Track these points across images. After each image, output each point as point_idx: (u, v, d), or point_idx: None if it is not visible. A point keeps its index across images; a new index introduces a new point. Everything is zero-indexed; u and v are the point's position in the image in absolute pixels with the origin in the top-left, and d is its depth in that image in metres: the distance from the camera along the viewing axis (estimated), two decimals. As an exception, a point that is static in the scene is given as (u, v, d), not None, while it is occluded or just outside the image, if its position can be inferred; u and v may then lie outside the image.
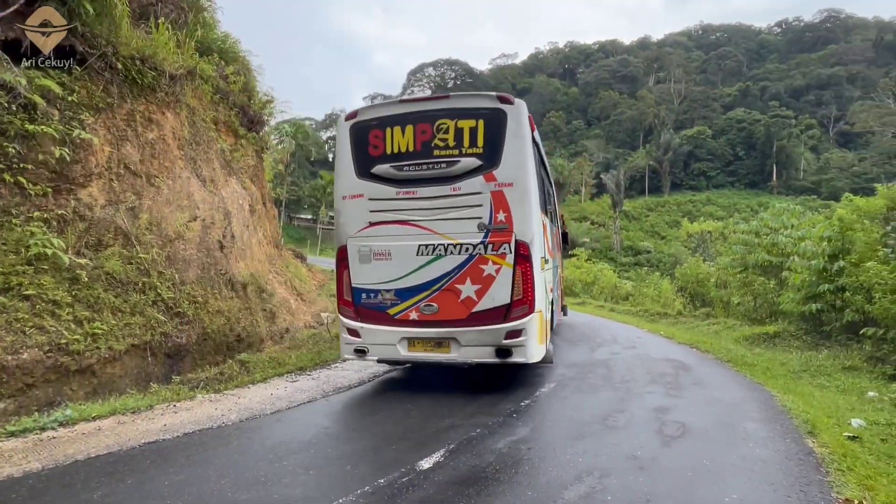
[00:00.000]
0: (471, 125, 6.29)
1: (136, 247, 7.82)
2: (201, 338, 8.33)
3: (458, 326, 6.34)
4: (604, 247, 62.50)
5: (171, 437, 5.11)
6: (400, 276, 6.48)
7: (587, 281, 25.89)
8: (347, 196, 6.87)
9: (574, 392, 7.19)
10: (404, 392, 7.14)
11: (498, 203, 6.20)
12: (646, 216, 78.62)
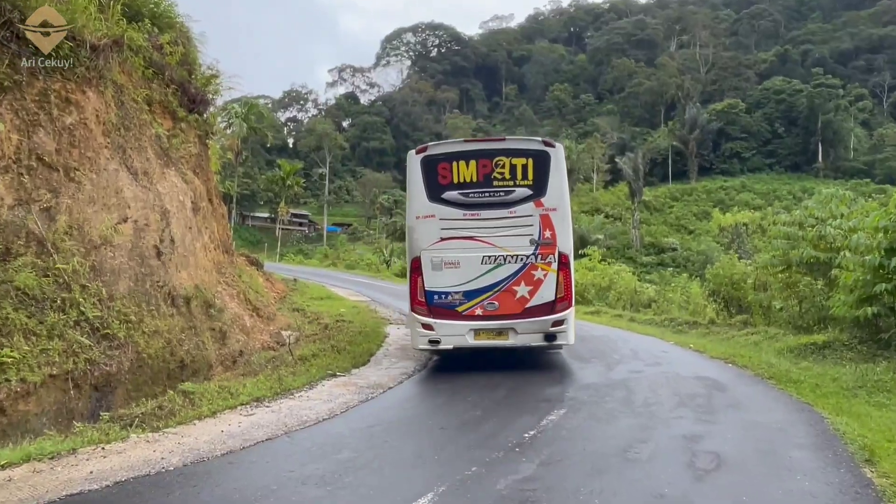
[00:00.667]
0: (522, 162, 9.83)
1: (54, 255, 7.71)
2: (135, 365, 8.24)
3: (515, 319, 9.81)
4: (621, 244, 62.99)
5: (99, 486, 5.02)
6: (467, 281, 9.81)
7: (601, 285, 26.00)
8: (420, 216, 10.01)
9: (588, 419, 7.21)
10: (385, 425, 7.12)
11: (545, 223, 9.78)
12: (670, 207, 79.41)
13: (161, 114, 12.13)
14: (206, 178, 14.11)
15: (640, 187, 67.71)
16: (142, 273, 9.16)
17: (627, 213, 70.95)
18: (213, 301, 11.31)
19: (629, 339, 15.21)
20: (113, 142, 9.34)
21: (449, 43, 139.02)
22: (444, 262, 9.87)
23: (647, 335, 16.12)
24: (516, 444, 6.13)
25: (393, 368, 10.75)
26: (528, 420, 7.12)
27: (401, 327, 15.65)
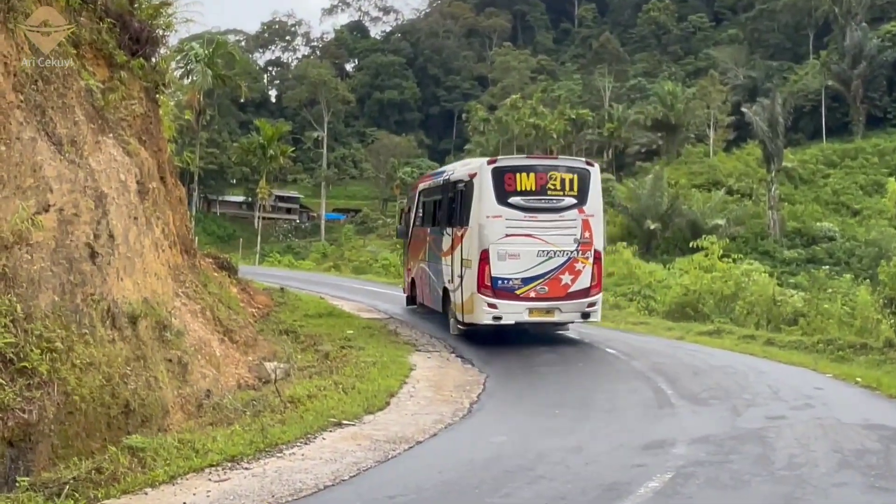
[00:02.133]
0: (570, 177, 16.48)
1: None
2: (64, 410, 8.46)
3: (561, 301, 16.27)
4: (752, 232, 61.93)
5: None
6: (525, 270, 16.04)
7: (723, 293, 25.56)
8: (490, 216, 16.06)
9: (706, 487, 7.18)
10: (413, 497, 7.20)
11: (585, 226, 16.26)
12: (824, 177, 77.54)
13: (93, 59, 12.43)
14: (156, 149, 14.41)
15: (778, 148, 66.18)
16: (70, 282, 9.40)
17: (761, 186, 69.49)
18: (168, 321, 11.54)
19: (765, 370, 14.95)
20: (27, 99, 9.60)
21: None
22: (507, 253, 16.15)
23: (793, 364, 15.85)
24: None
25: (422, 415, 10.81)
26: (618, 489, 7.13)
27: (432, 356, 15.72)
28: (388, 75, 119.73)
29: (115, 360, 9.58)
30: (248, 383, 13.05)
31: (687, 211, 56.49)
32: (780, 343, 19.39)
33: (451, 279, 17.77)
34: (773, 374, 14.48)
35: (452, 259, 17.75)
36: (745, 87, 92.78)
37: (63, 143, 10.08)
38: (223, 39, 65.77)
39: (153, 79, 14.85)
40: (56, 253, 9.34)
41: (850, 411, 10.85)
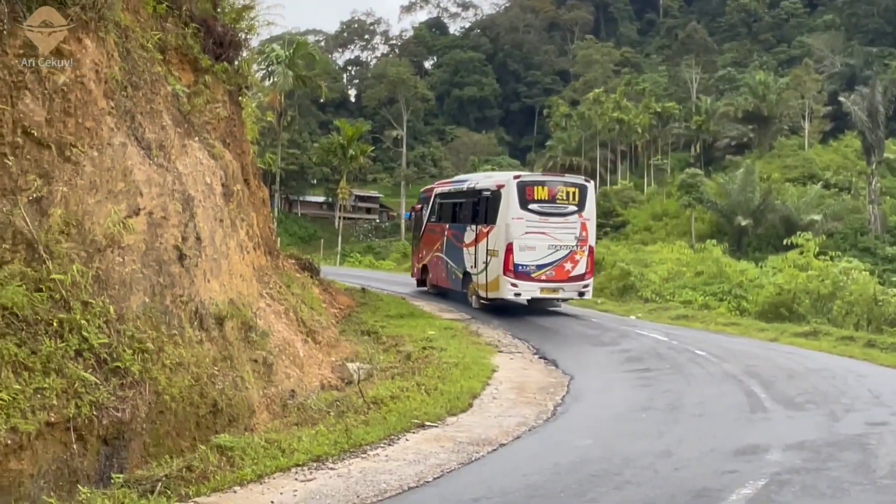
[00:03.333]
0: (573, 191, 22.25)
1: (48, 263, 8.38)
2: (155, 409, 8.80)
3: (564, 282, 22.00)
4: (851, 228, 60.08)
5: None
6: (539, 259, 21.23)
7: (820, 292, 24.91)
8: (514, 218, 21.07)
9: (802, 495, 7.08)
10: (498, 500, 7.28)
11: (582, 227, 22.10)
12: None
13: (179, 64, 12.86)
14: (240, 151, 14.81)
15: (879, 139, 63.95)
16: (159, 284, 9.76)
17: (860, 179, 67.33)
18: (253, 322, 11.86)
19: (866, 373, 14.62)
20: (118, 106, 10.00)
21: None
22: (526, 246, 21.10)
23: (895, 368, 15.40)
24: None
25: (506, 416, 10.88)
26: (709, 496, 7.13)
27: (515, 356, 15.75)
28: (467, 72, 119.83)
29: (203, 360, 9.90)
30: (331, 384, 13.28)
31: (780, 206, 55.17)
32: (881, 345, 18.85)
33: (475, 265, 22.78)
34: (874, 377, 14.15)
35: (476, 249, 22.67)
36: (842, 75, 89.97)
37: (151, 147, 10.46)
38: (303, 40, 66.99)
39: (236, 82, 15.26)
40: (146, 255, 9.70)
41: (960, 418, 10.50)
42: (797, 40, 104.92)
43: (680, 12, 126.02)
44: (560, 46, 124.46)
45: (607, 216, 68.01)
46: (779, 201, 55.94)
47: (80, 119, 9.31)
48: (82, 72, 9.47)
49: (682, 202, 67.12)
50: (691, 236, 53.22)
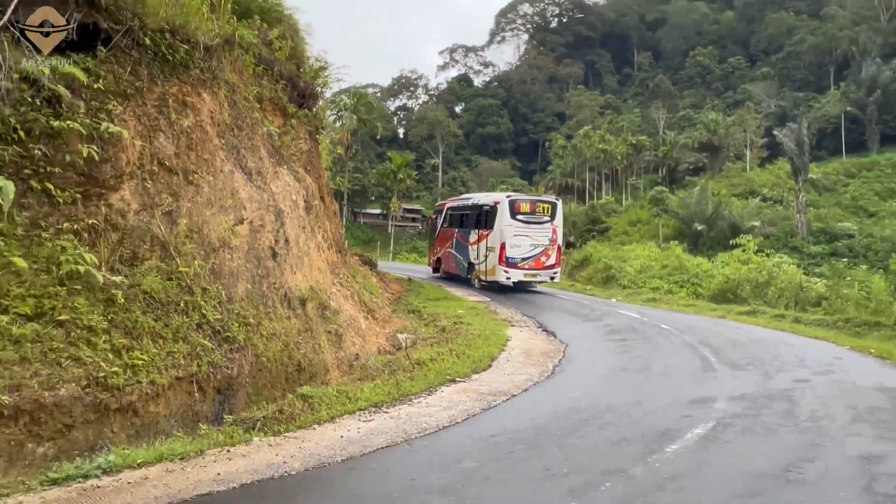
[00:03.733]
0: (547, 206, 24.13)
1: (176, 259, 8.58)
2: (255, 368, 8.97)
3: (540, 270, 23.59)
4: (782, 232, 59.08)
5: (227, 488, 5.59)
6: (523, 254, 22.97)
7: (758, 280, 24.60)
8: (506, 225, 22.87)
9: (741, 434, 7.04)
10: (510, 435, 7.32)
11: (553, 232, 23.89)
12: (844, 185, 73.18)
13: (271, 111, 13.05)
14: (317, 175, 14.98)
15: (805, 163, 62.84)
16: (258, 275, 9.94)
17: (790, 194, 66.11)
18: (328, 303, 12.02)
19: (793, 342, 14.44)
20: (227, 142, 10.20)
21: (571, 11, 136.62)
22: (514, 245, 22.76)
23: (816, 338, 15.28)
24: (656, 460, 6.10)
25: (517, 374, 10.89)
26: (668, 434, 7.07)
27: (524, 329, 15.77)
28: (487, 115, 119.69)
29: (290, 331, 10.06)
30: (386, 349, 13.39)
31: (728, 215, 54.48)
32: (805, 321, 18.66)
33: (477, 257, 24.54)
34: (799, 346, 13.96)
35: (478, 247, 24.44)
36: (775, 114, 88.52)
37: (252, 173, 10.64)
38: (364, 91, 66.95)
39: (314, 124, 15.42)
40: (248, 253, 9.88)
41: (865, 376, 10.41)
42: (741, 88, 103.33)
43: (650, 67, 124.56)
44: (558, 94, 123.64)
45: (594, 223, 67.54)
46: (727, 211, 55.21)
47: (199, 153, 9.51)
48: (201, 118, 9.67)
49: (652, 212, 66.50)
50: (659, 238, 52.58)
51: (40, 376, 6.69)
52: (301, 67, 14.96)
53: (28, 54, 8.10)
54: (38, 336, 6.88)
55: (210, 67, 10.03)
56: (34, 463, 6.41)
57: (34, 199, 7.63)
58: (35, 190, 7.60)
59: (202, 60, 9.82)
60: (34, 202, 7.62)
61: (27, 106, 7.75)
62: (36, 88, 7.87)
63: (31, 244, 7.37)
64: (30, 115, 7.74)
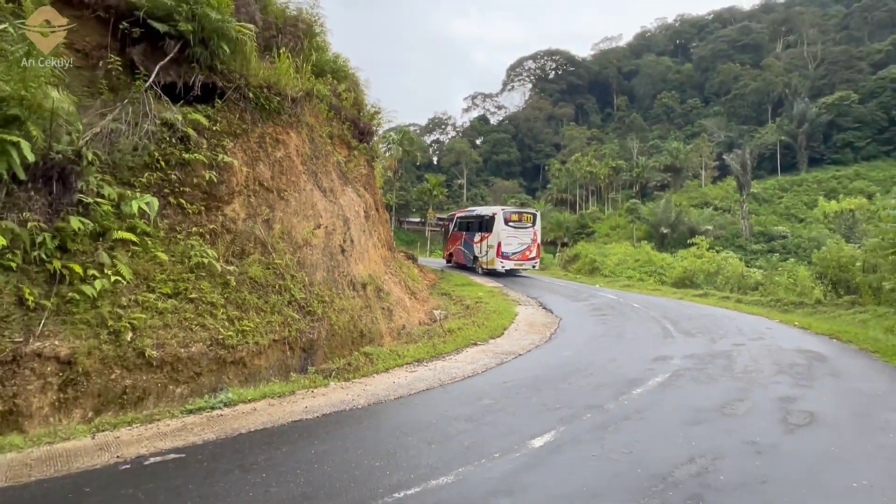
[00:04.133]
0: (530, 216, 24.92)
1: (272, 254, 8.95)
2: (330, 333, 9.29)
3: (525, 261, 24.21)
4: (730, 234, 57.92)
5: (312, 417, 5.91)
6: (513, 249, 23.77)
7: (709, 271, 24.33)
8: (501, 229, 23.58)
9: (689, 382, 7.12)
10: (517, 382, 7.51)
11: (534, 234, 24.50)
12: (779, 198, 71.53)
13: (339, 145, 13.38)
14: (373, 193, 15.29)
15: (748, 181, 61.58)
16: (331, 266, 10.27)
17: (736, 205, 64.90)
18: (382, 287, 12.30)
19: (735, 317, 14.31)
20: (308, 168, 10.55)
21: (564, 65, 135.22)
22: (507, 243, 23.54)
23: (753, 314, 15.09)
24: (625, 399, 6.26)
25: (523, 340, 11.05)
26: (636, 381, 7.20)
27: (529, 307, 15.88)
28: (501, 145, 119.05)
29: (354, 307, 10.36)
30: (424, 322, 13.59)
31: (687, 221, 53.55)
32: (745, 301, 18.41)
33: (480, 252, 25.16)
34: (739, 319, 13.87)
35: (481, 245, 25.14)
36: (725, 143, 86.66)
37: (326, 191, 10.97)
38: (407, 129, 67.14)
39: (370, 154, 15.70)
40: (324, 250, 10.21)
41: (788, 342, 10.32)
42: (697, 122, 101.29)
43: (626, 108, 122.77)
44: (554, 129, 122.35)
45: (583, 228, 66.81)
46: (686, 218, 54.25)
47: (288, 176, 9.86)
48: (289, 150, 10.02)
49: (628, 219, 65.64)
50: (633, 239, 51.97)
51: (178, 338, 7.10)
52: (361, 112, 15.25)
53: (166, 106, 8.54)
54: (176, 309, 7.29)
55: (295, 113, 10.39)
56: (175, 399, 6.82)
57: (171, 210, 8.07)
58: (172, 204, 8.03)
59: (290, 108, 10.18)
60: (171, 213, 8.06)
61: (166, 143, 8.19)
62: (172, 130, 8.30)
63: (170, 243, 7.79)
64: (168, 150, 8.18)
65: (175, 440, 5.09)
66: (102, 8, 8.53)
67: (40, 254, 6.33)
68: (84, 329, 6.37)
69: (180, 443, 5.02)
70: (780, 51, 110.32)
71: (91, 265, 6.71)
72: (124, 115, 7.99)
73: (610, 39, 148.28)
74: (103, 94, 8.21)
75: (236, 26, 9.12)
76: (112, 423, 5.76)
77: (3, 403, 5.63)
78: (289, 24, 12.30)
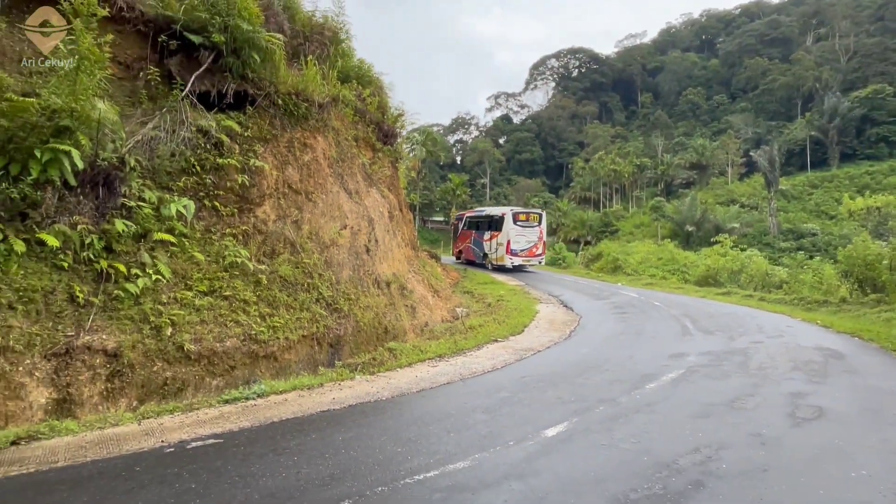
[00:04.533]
0: (536, 216, 26.55)
1: (301, 253, 9.33)
2: (356, 330, 9.64)
3: (531, 258, 25.86)
4: (757, 231, 56.79)
5: (339, 407, 6.25)
6: (521, 247, 25.44)
7: (733, 269, 24.04)
8: (510, 228, 25.30)
9: (703, 378, 7.23)
10: (534, 377, 7.72)
11: (540, 232, 26.05)
12: (808, 194, 69.76)
13: (364, 147, 13.73)
14: (397, 193, 15.61)
15: (776, 177, 60.27)
16: (357, 265, 10.62)
17: (764, 202, 63.56)
18: (405, 285, 12.60)
19: (757, 315, 14.19)
20: (334, 171, 10.91)
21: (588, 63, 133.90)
22: (516, 241, 24.94)
23: (775, 312, 14.91)
24: (638, 393, 6.42)
25: (542, 337, 11.19)
26: (649, 377, 7.34)
27: (549, 305, 16.01)
28: (524, 144, 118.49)
29: (379, 305, 10.68)
30: (447, 319, 13.81)
31: (713, 218, 52.71)
32: (768, 300, 18.19)
33: (490, 249, 26.65)
34: (760, 317, 13.76)
35: (490, 243, 26.63)
36: (752, 139, 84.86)
37: (352, 192, 11.32)
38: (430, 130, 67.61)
39: (394, 155, 16.00)
40: (350, 250, 10.56)
41: (808, 339, 10.27)
42: (724, 119, 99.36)
43: (651, 105, 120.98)
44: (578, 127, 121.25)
45: (606, 226, 66.32)
46: (712, 216, 53.43)
47: (316, 179, 10.23)
48: (316, 154, 10.40)
49: (652, 217, 64.99)
50: (658, 237, 51.44)
51: (214, 333, 7.53)
52: (385, 115, 15.54)
53: (201, 113, 8.99)
54: (212, 306, 7.71)
55: (322, 118, 10.77)
56: (212, 390, 7.24)
57: (206, 213, 8.51)
58: (207, 207, 8.47)
59: (317, 113, 10.55)
60: (206, 215, 8.50)
61: (201, 149, 8.64)
62: (207, 137, 8.75)
63: (205, 243, 8.23)
64: (203, 156, 8.62)
65: (213, 427, 5.47)
66: (143, 22, 9.02)
67: (89, 254, 6.80)
68: (128, 324, 6.83)
69: (218, 429, 5.39)
70: (810, 44, 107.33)
71: (134, 265, 7.17)
72: (163, 123, 8.47)
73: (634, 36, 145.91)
74: (143, 103, 8.71)
75: (266, 36, 9.53)
76: (155, 411, 6.18)
77: (58, 392, 6.11)
78: (315, 31, 12.70)
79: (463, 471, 4.22)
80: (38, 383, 5.98)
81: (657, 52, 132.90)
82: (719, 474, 4.01)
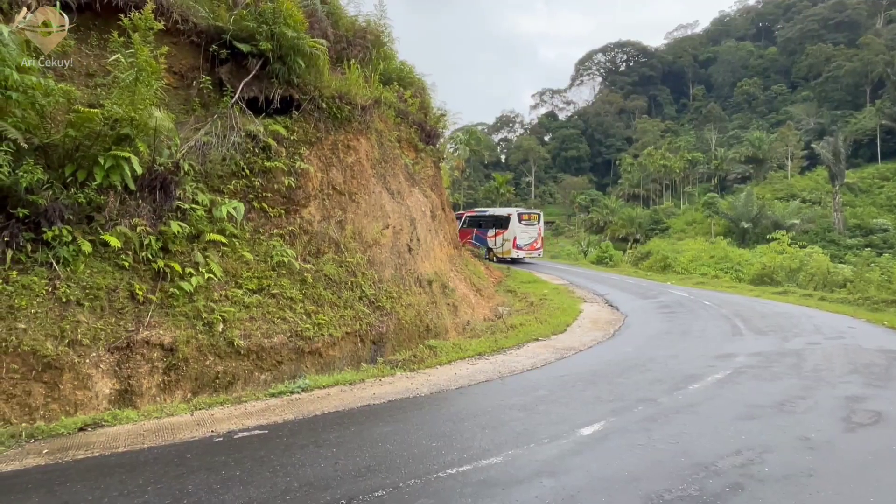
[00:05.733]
0: (536, 215, 29.82)
1: (345, 253, 9.59)
2: (397, 327, 9.82)
3: (531, 251, 28.77)
4: (820, 228, 53.84)
5: (379, 402, 6.40)
6: (524, 242, 28.32)
7: (791, 267, 22.91)
8: (517, 226, 28.11)
9: (751, 379, 7.00)
10: (574, 376, 7.66)
11: (539, 230, 29.20)
12: (879, 187, 65.41)
13: (407, 148, 13.94)
14: (439, 193, 15.76)
15: (841, 170, 56.84)
16: (399, 263, 10.81)
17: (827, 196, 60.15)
18: (447, 284, 12.72)
19: (814, 316, 13.54)
20: (377, 172, 11.14)
21: (636, 57, 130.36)
22: (520, 237, 27.60)
23: (837, 313, 14.19)
24: (679, 394, 6.29)
25: (585, 336, 11.08)
26: (693, 377, 7.17)
27: (594, 304, 15.77)
28: (569, 141, 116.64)
29: (421, 303, 10.84)
30: (489, 317, 13.85)
31: (770, 214, 50.30)
32: (829, 299, 17.27)
33: (496, 245, 28.74)
34: (819, 318, 13.11)
35: (496, 239, 28.84)
36: (814, 130, 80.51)
37: (394, 193, 11.53)
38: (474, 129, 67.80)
39: (437, 155, 16.16)
40: (392, 249, 10.76)
41: (871, 341, 9.74)
42: (783, 110, 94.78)
43: (703, 97, 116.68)
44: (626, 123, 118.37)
45: (656, 224, 64.56)
46: (770, 212, 51.00)
47: (359, 180, 10.48)
48: (359, 155, 10.64)
49: (705, 214, 62.67)
50: (711, 234, 49.64)
51: (262, 329, 7.85)
52: (427, 115, 15.72)
53: (250, 119, 9.38)
54: (260, 303, 8.04)
55: (365, 120, 11.00)
56: (259, 384, 7.55)
57: (255, 214, 8.88)
58: (256, 208, 8.84)
59: (360, 116, 10.79)
60: (255, 216, 8.86)
61: (250, 153, 9.02)
62: (255, 141, 9.12)
63: (254, 243, 8.58)
64: (251, 159, 8.99)
65: (259, 419, 5.73)
66: (195, 34, 9.49)
67: (147, 254, 7.24)
68: (183, 320, 7.22)
69: (264, 421, 5.64)
70: (880, 27, 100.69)
71: (188, 264, 7.57)
72: (214, 129, 8.89)
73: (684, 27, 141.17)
74: (196, 110, 9.17)
75: (310, 42, 9.83)
76: (207, 402, 6.51)
77: (120, 383, 6.53)
78: (358, 35, 12.98)
79: (495, 466, 4.26)
80: (102, 374, 6.42)
81: (710, 42, 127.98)
82: (760, 477, 3.89)
